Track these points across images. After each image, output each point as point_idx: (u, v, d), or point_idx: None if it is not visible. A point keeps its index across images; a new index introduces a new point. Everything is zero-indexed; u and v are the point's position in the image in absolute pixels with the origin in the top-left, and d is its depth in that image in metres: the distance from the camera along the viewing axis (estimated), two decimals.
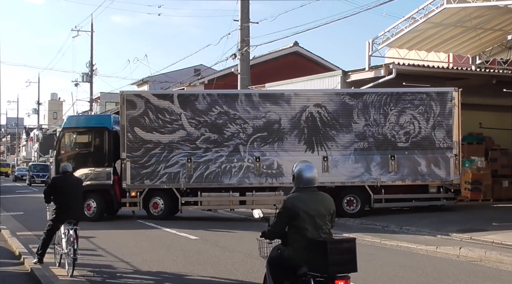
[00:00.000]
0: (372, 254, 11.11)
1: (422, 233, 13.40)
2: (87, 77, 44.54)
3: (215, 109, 16.74)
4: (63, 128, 18.07)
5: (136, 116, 16.62)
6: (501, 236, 12.06)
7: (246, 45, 22.53)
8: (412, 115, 17.05)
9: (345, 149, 16.82)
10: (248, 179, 16.69)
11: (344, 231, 14.33)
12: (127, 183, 16.58)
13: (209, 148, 16.64)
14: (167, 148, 16.58)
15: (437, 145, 17.07)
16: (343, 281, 5.19)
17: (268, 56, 33.78)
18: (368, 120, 16.92)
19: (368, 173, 16.87)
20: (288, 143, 16.77)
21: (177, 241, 13.01)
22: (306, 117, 16.79)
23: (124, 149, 16.57)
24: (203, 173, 16.59)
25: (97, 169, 16.95)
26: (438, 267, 9.79)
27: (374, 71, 18.93)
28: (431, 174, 17.04)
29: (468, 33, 19.62)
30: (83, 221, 11.64)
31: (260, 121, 16.79)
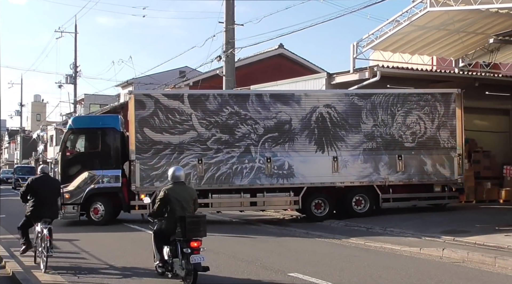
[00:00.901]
0: (356, 256, 11.17)
1: (406, 235, 13.48)
2: (71, 79, 44.28)
3: (226, 109, 16.54)
4: (68, 129, 17.35)
5: (145, 117, 16.22)
6: (483, 237, 12.18)
7: (231, 47, 22.52)
8: (418, 116, 17.47)
9: (354, 149, 17.00)
10: (260, 180, 16.53)
11: (329, 232, 14.41)
12: (136, 185, 16.10)
13: (220, 149, 16.42)
14: (177, 148, 16.25)
15: (441, 144, 17.52)
16: (196, 242, 8.14)
17: (253, 58, 33.81)
18: (376, 120, 17.21)
19: (376, 172, 17.09)
20: (299, 143, 16.77)
21: None
22: (316, 117, 16.89)
23: (134, 150, 16.16)
24: (214, 174, 16.33)
25: (105, 171, 16.52)
26: (422, 269, 9.86)
27: (358, 74, 19.02)
28: (436, 173, 17.43)
29: (451, 36, 19.79)
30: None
31: (271, 122, 16.71)
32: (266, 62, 33.68)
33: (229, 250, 11.88)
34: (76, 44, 43.70)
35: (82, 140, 17.36)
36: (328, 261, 10.55)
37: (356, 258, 10.92)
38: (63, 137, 17.30)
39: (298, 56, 35.07)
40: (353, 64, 19.34)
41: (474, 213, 16.69)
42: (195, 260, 8.04)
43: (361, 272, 9.51)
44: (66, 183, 16.23)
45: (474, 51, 21.21)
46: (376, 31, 19.23)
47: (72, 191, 16.40)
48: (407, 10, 18.15)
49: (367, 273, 9.49)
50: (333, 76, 19.98)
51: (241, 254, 11.30)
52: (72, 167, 16.83)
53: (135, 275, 9.32)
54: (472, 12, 17.47)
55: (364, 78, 18.68)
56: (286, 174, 16.62)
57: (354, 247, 12.47)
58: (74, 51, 43.91)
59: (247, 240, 13.60)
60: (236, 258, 10.89)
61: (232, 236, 14.23)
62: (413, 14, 18.01)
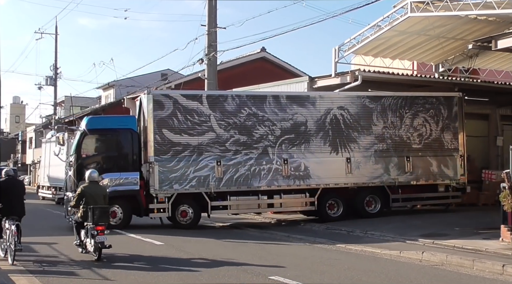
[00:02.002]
0: (337, 259, 11.24)
1: (386, 238, 13.57)
2: (51, 80, 43.90)
3: (244, 110, 16.47)
4: (84, 129, 16.29)
5: (164, 118, 15.83)
6: (462, 240, 12.33)
7: (213, 50, 22.51)
8: (424, 118, 18.06)
9: (366, 150, 17.33)
10: (277, 182, 16.51)
11: (310, 236, 14.47)
12: (155, 187, 15.66)
13: (239, 150, 16.27)
14: (196, 150, 15.95)
15: (445, 146, 18.19)
16: (101, 227, 10.90)
17: (236, 62, 33.83)
18: (386, 122, 17.65)
19: (387, 173, 17.46)
20: (314, 145, 16.91)
21: (142, 247, 12.90)
22: (330, 119, 17.09)
23: (152, 152, 15.72)
24: (232, 176, 16.15)
25: (123, 173, 15.87)
26: (401, 272, 9.95)
27: (340, 78, 19.15)
28: (441, 174, 18.04)
29: (431, 42, 20.01)
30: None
31: (287, 123, 16.75)
32: (248, 65, 33.73)
33: (210, 253, 11.86)
34: (56, 46, 43.37)
35: (98, 142, 16.63)
36: (309, 264, 10.59)
37: (337, 261, 10.98)
38: (77, 139, 16.25)
39: (280, 60, 35.20)
40: (335, 69, 19.46)
41: (454, 217, 16.87)
42: (100, 240, 10.78)
43: (342, 275, 9.58)
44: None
45: (454, 57, 21.48)
46: (358, 36, 19.39)
47: None
48: (388, 15, 18.34)
49: (348, 276, 9.55)
50: (315, 80, 20.08)
51: (222, 257, 11.28)
52: (88, 168, 16.15)
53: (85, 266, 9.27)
54: (451, 18, 17.71)
55: (345, 82, 18.81)
56: (302, 175, 16.70)
57: (335, 250, 12.54)
58: (55, 52, 43.53)
59: (228, 244, 13.59)
60: (217, 261, 10.88)
61: (213, 240, 14.21)
62: (394, 19, 18.20)
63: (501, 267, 9.70)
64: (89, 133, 16.21)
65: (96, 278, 9.37)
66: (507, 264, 9.74)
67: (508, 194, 11.92)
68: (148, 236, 14.43)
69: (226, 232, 16.03)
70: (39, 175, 35.50)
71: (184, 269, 10.09)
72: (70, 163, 16.11)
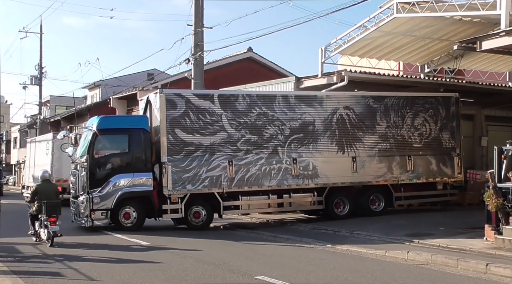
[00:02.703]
0: (323, 259, 11.29)
1: (372, 238, 13.66)
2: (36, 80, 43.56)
3: (254, 110, 16.50)
4: (97, 129, 15.80)
5: (176, 117, 15.70)
6: (447, 240, 12.45)
7: (200, 50, 22.48)
8: (424, 118, 18.56)
9: (370, 149, 17.68)
10: (287, 181, 16.61)
11: (296, 236, 14.51)
12: (169, 188, 15.51)
13: (250, 150, 16.30)
14: (208, 150, 15.88)
15: (444, 145, 18.77)
16: (53, 218, 12.76)
17: (222, 62, 33.80)
18: (389, 122, 18.06)
19: (390, 172, 17.85)
20: (322, 144, 17.12)
21: (127, 247, 12.85)
22: (337, 119, 17.35)
23: (165, 152, 15.54)
24: (244, 175, 16.16)
25: (136, 173, 15.61)
26: (387, 271, 10.02)
27: (326, 78, 19.22)
28: (440, 172, 18.58)
29: (417, 43, 20.16)
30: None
31: (296, 123, 16.90)
32: (235, 65, 33.73)
33: (196, 253, 11.87)
34: (41, 45, 43.03)
35: (110, 142, 16.16)
36: (295, 264, 10.63)
37: (323, 261, 11.03)
38: (89, 139, 15.83)
39: (267, 60, 35.25)
40: (321, 69, 19.55)
41: (439, 216, 17.01)
42: (52, 229, 12.69)
43: (328, 275, 9.62)
44: (94, 187, 15.44)
45: (439, 58, 21.66)
46: (344, 36, 19.48)
47: (102, 196, 15.44)
48: (375, 15, 18.46)
49: (333, 276, 9.60)
50: (302, 81, 20.15)
51: (208, 257, 11.30)
52: (101, 170, 15.76)
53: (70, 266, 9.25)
54: (437, 19, 17.86)
55: (332, 83, 18.90)
56: (311, 175, 16.86)
57: (321, 250, 12.59)
58: (40, 51, 43.16)
59: (215, 244, 13.60)
60: (203, 261, 10.89)
61: (200, 240, 14.21)
62: (380, 20, 18.32)
63: (485, 266, 9.81)
64: (101, 134, 15.81)
65: (81, 279, 9.33)
66: (490, 263, 9.85)
67: (492, 193, 12.07)
68: (134, 236, 14.39)
69: (213, 232, 16.03)
70: (24, 175, 35.26)
71: (170, 269, 10.08)
72: (82, 163, 15.72)
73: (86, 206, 15.39)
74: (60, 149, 26.73)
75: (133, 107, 34.27)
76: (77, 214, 15.97)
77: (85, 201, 15.40)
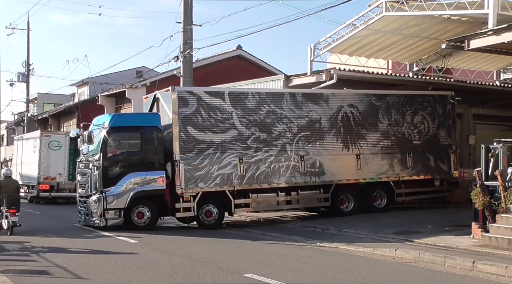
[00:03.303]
0: (311, 257, 11.33)
1: (360, 236, 13.74)
2: (23, 77, 43.22)
3: (264, 108, 16.58)
4: (109, 127, 15.56)
5: (188, 115, 15.61)
6: (434, 238, 12.55)
7: (189, 48, 22.41)
8: (423, 116, 18.99)
9: (373, 147, 18.01)
10: (295, 178, 16.75)
11: (285, 234, 14.55)
12: (181, 186, 15.39)
13: (260, 148, 16.36)
14: (219, 148, 15.86)
15: (441, 142, 19.23)
16: (13, 210, 14.50)
17: (211, 59, 33.71)
18: (390, 120, 18.44)
19: (392, 169, 18.23)
20: (328, 142, 17.34)
21: (116, 245, 12.83)
22: (342, 116, 17.60)
23: (178, 150, 15.42)
24: (254, 173, 16.20)
25: (149, 172, 15.47)
26: (375, 269, 10.08)
27: (315, 76, 19.26)
28: (437, 169, 19.03)
29: (405, 41, 20.25)
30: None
31: (303, 121, 17.06)
32: (224, 63, 33.66)
33: (185, 251, 11.88)
34: (28, 41, 42.63)
35: (122, 140, 15.91)
36: (284, 262, 10.66)
37: (311, 258, 11.07)
38: (102, 137, 15.52)
39: (256, 58, 35.21)
40: (311, 67, 19.58)
41: (427, 214, 17.10)
42: (12, 220, 14.47)
43: (316, 273, 9.66)
44: (108, 186, 15.23)
45: (428, 56, 21.77)
46: (333, 34, 19.53)
47: (116, 195, 15.25)
48: (364, 14, 18.51)
49: (322, 273, 9.64)
50: (291, 78, 20.17)
51: (197, 255, 11.31)
52: (114, 169, 15.54)
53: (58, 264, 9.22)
54: (425, 18, 17.95)
55: (321, 81, 18.94)
56: (317, 172, 17.05)
57: (309, 248, 12.63)
58: (27, 48, 42.76)
59: (203, 241, 13.60)
60: (192, 259, 10.89)
61: (189, 238, 14.21)
62: (369, 18, 18.38)
63: (472, 263, 9.91)
64: (114, 132, 15.62)
65: (69, 277, 9.30)
66: (477, 261, 9.96)
67: (479, 191, 12.18)
68: (123, 234, 14.36)
69: (202, 230, 16.02)
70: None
71: (158, 267, 10.07)
72: (95, 162, 15.42)
73: (99, 205, 15.14)
74: (48, 146, 26.61)
75: (121, 105, 34.16)
76: (88, 213, 15.58)
77: (98, 200, 15.16)
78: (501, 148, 13.00)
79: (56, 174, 26.58)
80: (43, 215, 20.73)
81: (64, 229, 15.82)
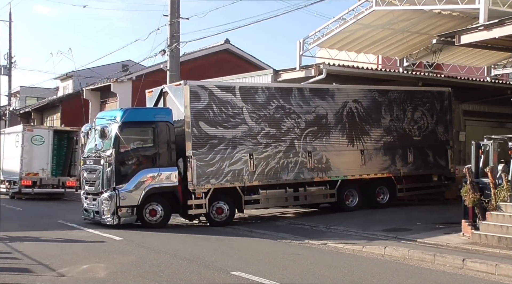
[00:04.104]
0: (300, 254, 11.32)
1: (349, 233, 13.76)
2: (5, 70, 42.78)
3: (273, 103, 16.68)
4: (122, 122, 15.18)
5: (200, 110, 15.57)
6: (423, 235, 12.60)
7: (175, 41, 22.29)
8: (422, 112, 19.36)
9: (376, 142, 18.33)
10: (303, 174, 16.92)
11: (273, 231, 14.54)
12: (194, 183, 15.34)
13: (269, 143, 16.46)
14: (230, 143, 15.89)
15: (439, 138, 19.67)
16: None
17: (199, 53, 33.67)
18: (392, 116, 18.77)
19: (394, 164, 18.57)
20: (334, 137, 17.57)
21: (100, 242, 12.74)
22: (347, 112, 17.85)
23: (190, 145, 15.36)
24: (264, 169, 16.28)
25: (161, 168, 15.27)
26: (364, 267, 10.09)
27: (304, 71, 19.24)
28: (436, 164, 19.45)
29: (395, 36, 20.30)
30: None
31: (311, 116, 17.24)
32: (212, 57, 33.62)
33: (170, 248, 11.82)
34: (10, 33, 42.16)
35: (135, 136, 15.69)
36: (271, 260, 10.64)
37: (299, 256, 11.06)
38: (114, 133, 15.12)
39: (244, 52, 35.19)
40: (300, 62, 19.58)
41: (416, 211, 17.17)
42: None
43: (304, 271, 9.65)
44: (120, 183, 14.97)
45: (418, 51, 21.84)
46: (323, 29, 19.53)
47: (129, 192, 15.00)
48: (353, 8, 18.53)
49: (310, 271, 9.63)
50: (279, 73, 20.12)
51: (183, 253, 11.26)
52: (127, 165, 15.24)
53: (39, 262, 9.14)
54: (416, 12, 18.01)
55: (310, 76, 18.92)
56: (324, 168, 17.25)
57: (297, 245, 12.63)
58: (9, 40, 42.29)
59: (189, 238, 13.56)
60: (178, 256, 10.84)
61: (175, 234, 14.15)
62: (359, 13, 18.39)
63: (461, 261, 9.95)
64: (127, 127, 15.29)
65: (52, 275, 9.21)
66: (467, 259, 10.00)
67: (469, 189, 12.24)
68: (108, 231, 14.26)
69: (188, 227, 15.97)
70: None
71: (143, 265, 10.01)
72: (107, 158, 15.05)
73: (112, 203, 14.83)
74: (31, 141, 26.37)
75: (106, 99, 33.97)
76: (99, 211, 15.20)
77: (110, 198, 14.85)
78: (491, 145, 13.03)
79: (39, 169, 26.35)
80: (25, 212, 20.54)
81: (44, 225, 15.67)
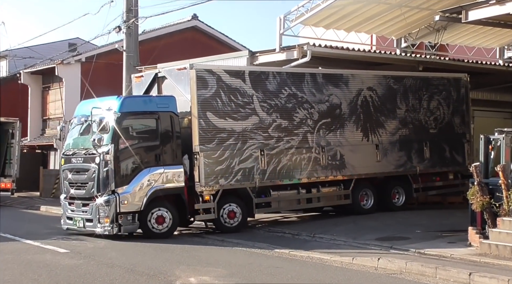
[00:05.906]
0: (279, 267, 11.31)
1: (337, 242, 13.82)
2: None
3: (285, 90, 16.75)
4: (121, 113, 14.71)
5: (208, 98, 15.36)
6: (424, 244, 12.67)
7: (133, 17, 22.15)
8: (438, 101, 19.70)
9: (392, 136, 18.59)
10: (316, 173, 17.01)
11: (248, 240, 14.52)
12: (201, 183, 15.11)
13: (281, 137, 16.50)
14: (240, 137, 15.83)
15: (456, 131, 20.06)
16: None
17: (162, 31, 33.54)
18: (408, 105, 19.04)
19: (409, 161, 18.87)
20: (348, 130, 17.79)
21: (41, 256, 12.59)
22: (361, 101, 18.06)
23: (197, 140, 15.12)
24: (275, 167, 16.29)
25: (166, 166, 14.92)
26: (354, 282, 10.12)
27: (286, 53, 19.18)
28: (452, 160, 19.85)
29: (392, 12, 20.35)
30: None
31: (324, 106, 17.39)
32: (177, 35, 33.51)
33: (126, 261, 11.72)
34: None
35: (136, 129, 15.26)
36: (246, 274, 10.62)
37: (279, 270, 11.05)
38: (113, 124, 14.61)
39: (216, 30, 35.12)
40: (280, 42, 19.49)
41: (415, 216, 17.29)
42: None
43: None
44: (121, 185, 14.46)
45: (418, 30, 21.96)
46: (307, 3, 19.45)
47: (130, 195, 14.56)
48: None
49: None
50: (256, 55, 20.03)
51: (141, 267, 11.17)
52: (127, 163, 14.75)
53: None
54: None
55: (292, 59, 18.87)
56: (338, 165, 17.42)
57: (277, 256, 12.62)
58: None
59: (149, 249, 13.46)
60: (135, 271, 10.76)
61: (132, 243, 14.04)
62: None
63: (468, 275, 9.99)
64: (126, 118, 14.88)
65: None
66: (474, 272, 10.03)
67: (477, 190, 12.28)
68: (49, 242, 14.12)
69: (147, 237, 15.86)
70: None
71: (94, 281, 9.91)
72: (104, 155, 14.50)
73: (110, 209, 14.32)
74: None
75: (50, 85, 33.57)
76: (93, 219, 14.69)
77: (108, 203, 14.34)
78: (503, 139, 13.03)
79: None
80: None
81: None
